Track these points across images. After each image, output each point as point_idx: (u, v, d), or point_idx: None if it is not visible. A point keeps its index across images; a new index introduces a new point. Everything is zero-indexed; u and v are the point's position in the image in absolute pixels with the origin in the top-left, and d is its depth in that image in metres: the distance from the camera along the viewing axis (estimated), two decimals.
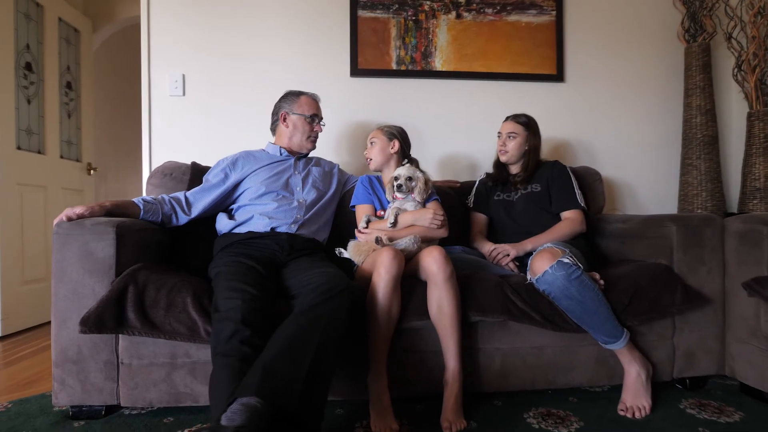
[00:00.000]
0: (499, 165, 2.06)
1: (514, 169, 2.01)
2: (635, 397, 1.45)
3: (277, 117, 1.92)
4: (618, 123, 2.55)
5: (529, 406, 1.49)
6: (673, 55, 2.56)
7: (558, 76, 2.51)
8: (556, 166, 1.95)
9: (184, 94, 2.36)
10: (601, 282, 1.52)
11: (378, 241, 1.55)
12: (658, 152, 2.57)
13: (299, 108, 1.88)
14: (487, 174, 2.10)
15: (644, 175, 2.56)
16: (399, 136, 1.90)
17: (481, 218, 2.03)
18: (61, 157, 2.91)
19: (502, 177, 2.04)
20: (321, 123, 1.95)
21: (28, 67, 2.64)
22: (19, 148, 2.56)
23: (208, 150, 2.32)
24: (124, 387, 1.41)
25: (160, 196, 1.70)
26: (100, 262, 1.40)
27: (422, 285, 1.48)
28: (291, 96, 1.92)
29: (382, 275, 1.38)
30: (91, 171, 3.16)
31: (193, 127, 2.36)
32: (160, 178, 1.91)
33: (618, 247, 1.88)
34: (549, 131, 2.49)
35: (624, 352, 1.48)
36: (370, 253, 1.57)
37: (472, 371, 1.50)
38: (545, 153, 2.46)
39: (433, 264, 1.41)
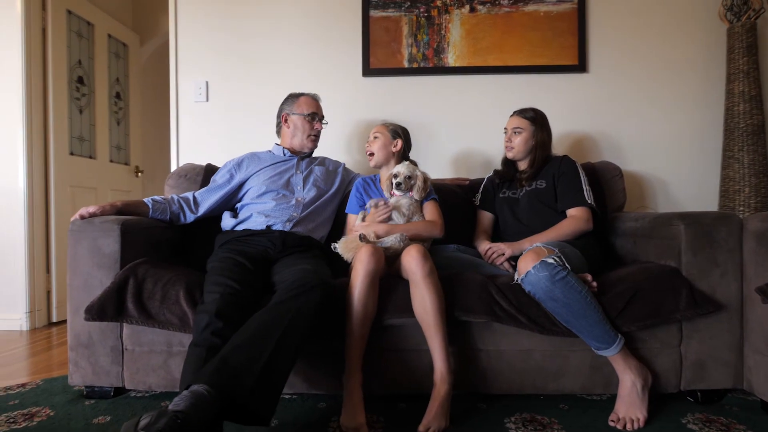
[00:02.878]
0: (507, 162, 2.00)
1: (522, 166, 1.94)
2: (629, 408, 1.35)
3: (280, 119, 1.99)
4: (648, 114, 2.37)
5: (513, 411, 1.44)
6: (712, 36, 2.33)
7: (580, 66, 2.37)
8: (564, 161, 1.85)
9: (207, 100, 2.51)
10: (594, 284, 1.44)
11: (362, 238, 1.57)
12: (695, 144, 2.35)
13: (299, 108, 1.95)
14: (496, 171, 2.04)
15: (679, 169, 2.36)
16: (402, 135, 1.90)
17: (486, 216, 1.99)
18: (111, 161, 3.20)
19: (510, 174, 1.97)
20: (323, 122, 2.00)
21: (80, 80, 2.93)
22: (72, 153, 2.85)
23: (230, 152, 2.43)
24: (127, 371, 1.54)
25: (170, 196, 1.83)
26: (106, 256, 1.54)
27: (405, 283, 1.48)
28: (291, 98, 1.99)
29: (359, 271, 1.40)
30: (139, 173, 3.45)
31: (216, 131, 2.51)
32: (176, 179, 2.05)
33: (631, 248, 1.76)
34: (569, 125, 2.38)
35: (617, 359, 1.39)
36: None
37: (456, 372, 1.48)
38: (565, 147, 2.36)
39: (411, 261, 1.41)
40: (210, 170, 2.08)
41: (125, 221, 1.58)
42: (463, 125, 2.44)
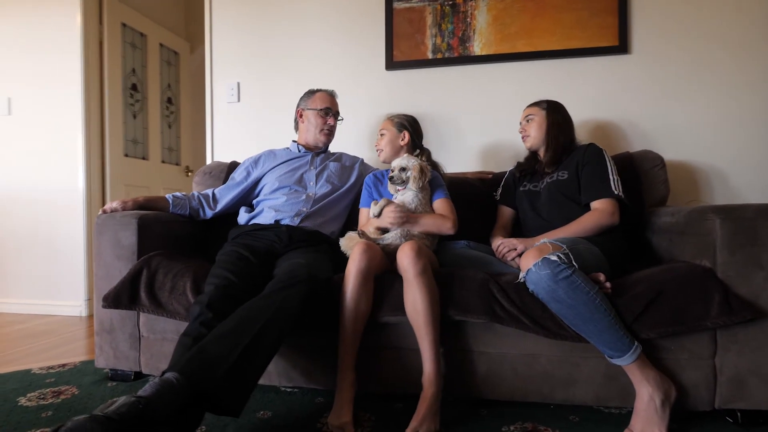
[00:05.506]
0: (530, 155, 1.88)
1: (542, 154, 1.81)
2: (645, 424, 1.20)
3: (296, 115, 2.02)
4: (702, 96, 2.10)
5: (514, 419, 1.34)
6: None
7: (620, 47, 2.16)
8: (588, 149, 1.70)
9: (239, 101, 2.61)
10: (607, 285, 1.29)
11: (361, 234, 1.53)
12: (760, 130, 2.05)
13: (313, 103, 1.96)
14: (518, 164, 1.92)
15: (740, 158, 2.06)
16: (409, 127, 1.85)
17: (506, 212, 1.88)
18: (162, 161, 3.44)
19: (531, 166, 1.85)
20: (338, 118, 2.00)
21: (134, 87, 3.18)
22: (126, 155, 3.09)
23: (260, 149, 2.48)
24: (143, 357, 1.63)
25: (192, 193, 1.92)
26: (125, 248, 1.64)
27: (402, 280, 1.42)
28: (308, 94, 2.01)
29: (351, 269, 1.38)
30: (189, 173, 3.67)
31: (247, 130, 2.60)
32: (201, 177, 2.15)
33: (667, 246, 1.57)
34: (606, 112, 2.19)
35: (633, 369, 1.24)
36: None
37: (456, 375, 1.41)
38: (600, 136, 2.17)
39: (404, 259, 1.35)
40: (233, 167, 2.16)
41: (142, 216, 1.67)
42: (491, 116, 2.32)
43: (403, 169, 1.63)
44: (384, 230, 1.60)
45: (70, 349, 2.14)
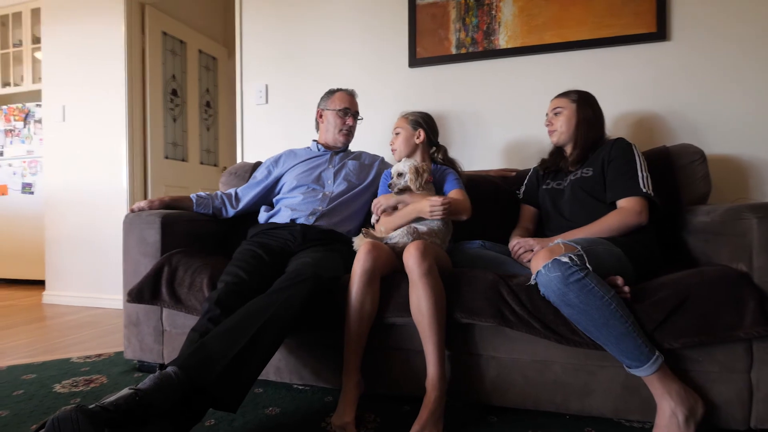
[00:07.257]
0: (554, 151, 1.79)
1: (568, 150, 1.72)
2: None
3: (317, 115, 2.03)
4: (751, 85, 1.91)
5: (524, 428, 1.27)
6: None
7: (659, 34, 2.01)
8: (616, 144, 1.59)
9: (267, 102, 2.67)
10: (625, 289, 1.20)
11: (365, 234, 1.52)
12: None
13: (332, 104, 1.96)
14: (543, 161, 1.84)
15: None
16: (424, 124, 1.81)
17: (528, 211, 1.80)
18: (201, 163, 3.58)
19: (556, 163, 1.76)
20: (358, 118, 2.00)
21: (174, 92, 3.33)
22: (166, 157, 3.25)
23: (287, 148, 2.57)
24: (166, 350, 1.70)
25: (215, 192, 1.98)
26: (150, 246, 1.72)
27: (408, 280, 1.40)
28: (327, 94, 2.01)
29: (356, 269, 1.37)
30: None
31: (275, 130, 2.65)
32: (228, 177, 2.22)
33: (702, 247, 1.45)
34: (645, 104, 2.04)
35: (653, 381, 1.14)
36: None
37: (463, 379, 1.36)
38: (634, 130, 2.04)
39: (409, 259, 1.32)
40: (257, 167, 2.20)
41: (166, 215, 1.74)
42: (517, 112, 2.23)
43: (400, 175, 1.61)
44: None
45: (109, 340, 2.28)
